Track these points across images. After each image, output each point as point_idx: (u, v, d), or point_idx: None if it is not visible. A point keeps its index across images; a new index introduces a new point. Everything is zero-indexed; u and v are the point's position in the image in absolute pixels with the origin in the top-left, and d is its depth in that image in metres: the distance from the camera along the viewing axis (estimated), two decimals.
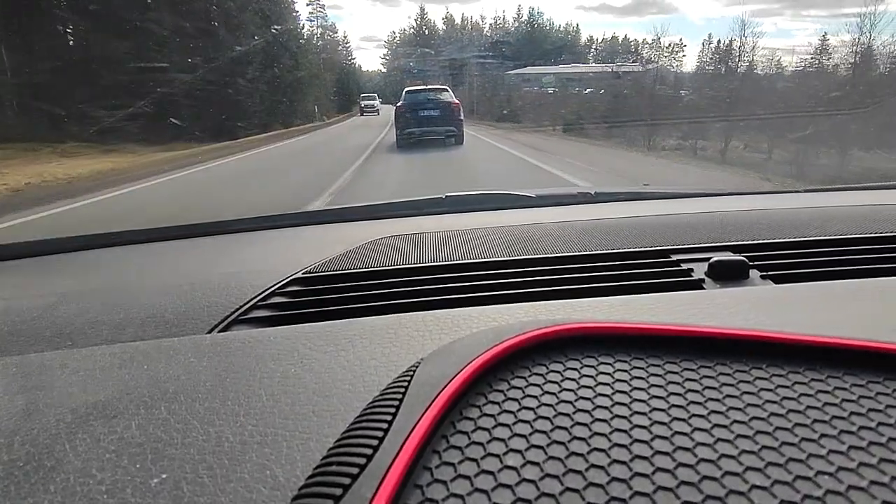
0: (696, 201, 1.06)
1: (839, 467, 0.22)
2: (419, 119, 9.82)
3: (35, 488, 0.27)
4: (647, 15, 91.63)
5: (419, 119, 9.82)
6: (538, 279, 0.57)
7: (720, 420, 0.25)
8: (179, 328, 0.50)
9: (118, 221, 4.16)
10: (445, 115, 9.89)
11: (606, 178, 6.52)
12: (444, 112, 9.90)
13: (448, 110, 9.96)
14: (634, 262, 0.61)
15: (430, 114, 9.87)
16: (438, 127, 9.88)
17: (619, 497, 0.21)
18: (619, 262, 0.61)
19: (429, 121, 9.84)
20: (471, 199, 1.09)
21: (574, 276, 0.58)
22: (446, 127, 9.91)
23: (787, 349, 0.30)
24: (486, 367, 0.29)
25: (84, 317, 0.53)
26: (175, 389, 0.35)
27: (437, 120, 9.85)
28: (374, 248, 0.71)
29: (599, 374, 0.29)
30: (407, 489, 0.22)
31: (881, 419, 0.25)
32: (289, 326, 0.45)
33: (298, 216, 1.01)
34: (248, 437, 0.29)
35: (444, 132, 9.92)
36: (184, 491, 0.25)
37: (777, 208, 0.84)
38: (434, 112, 9.89)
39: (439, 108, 9.93)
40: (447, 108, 10.00)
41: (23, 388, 0.37)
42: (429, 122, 9.85)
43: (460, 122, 10.11)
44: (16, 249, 0.88)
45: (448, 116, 9.90)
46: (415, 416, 0.25)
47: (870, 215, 0.74)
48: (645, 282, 0.55)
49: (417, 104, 9.96)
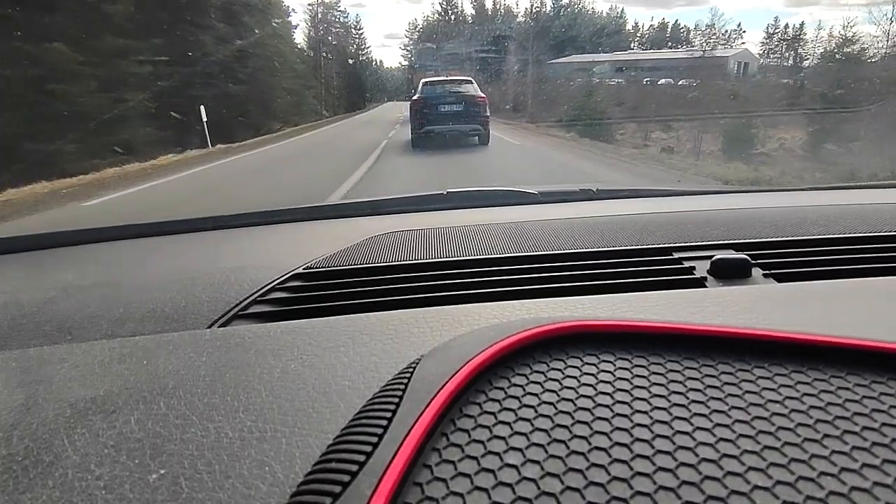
0: (698, 199, 1.05)
1: (842, 468, 0.22)
2: (438, 115, 8.47)
3: (34, 483, 0.26)
4: (675, 7, 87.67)
5: (438, 115, 8.47)
6: (540, 276, 0.57)
7: (722, 419, 0.25)
8: (179, 323, 0.50)
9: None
10: (469, 110, 8.51)
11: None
12: (468, 107, 8.51)
13: (472, 105, 8.55)
14: (636, 260, 0.61)
15: (451, 109, 8.49)
16: (461, 124, 8.52)
17: (619, 496, 0.21)
18: (621, 260, 0.61)
19: (449, 117, 8.49)
20: (473, 196, 1.09)
21: (576, 273, 0.58)
22: (470, 125, 8.55)
23: (790, 348, 0.30)
24: (487, 365, 0.29)
25: (84, 311, 0.53)
26: (174, 384, 0.35)
27: (459, 116, 8.48)
28: (375, 243, 0.71)
29: (601, 373, 0.29)
30: (406, 487, 0.22)
31: (885, 420, 0.24)
32: (289, 322, 0.45)
33: (299, 211, 1.01)
34: (247, 433, 0.29)
35: (468, 130, 8.62)
36: (182, 487, 0.25)
37: (780, 206, 0.84)
38: (456, 107, 8.50)
39: (462, 103, 8.52)
40: (471, 102, 8.56)
41: (22, 383, 0.36)
42: (449, 118, 8.49)
43: (486, 119, 8.74)
44: (16, 243, 0.88)
45: (472, 112, 8.51)
46: (415, 413, 0.25)
47: (874, 214, 0.74)
48: (647, 279, 0.55)
49: (436, 98, 8.58)
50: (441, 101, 8.54)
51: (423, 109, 8.55)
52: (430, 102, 8.54)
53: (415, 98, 8.89)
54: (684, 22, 60.01)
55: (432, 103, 8.52)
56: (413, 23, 63.46)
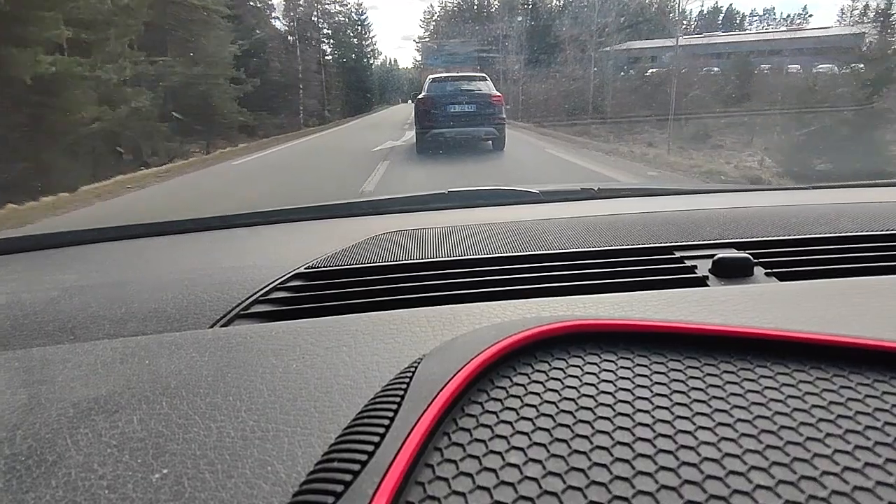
0: (700, 197, 1.05)
1: (844, 467, 0.22)
2: (447, 116, 7.49)
3: (37, 483, 0.27)
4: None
5: (447, 116, 7.49)
6: (541, 275, 0.57)
7: (724, 418, 0.25)
8: (181, 323, 0.50)
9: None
10: (482, 111, 7.56)
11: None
12: (481, 107, 7.56)
13: (486, 105, 7.58)
14: (638, 259, 0.61)
15: (461, 109, 7.52)
16: (473, 127, 7.58)
17: (621, 496, 0.21)
18: (622, 259, 0.61)
19: (460, 119, 7.51)
20: (474, 195, 1.09)
21: (577, 272, 0.58)
22: (483, 127, 7.62)
23: (792, 347, 0.30)
24: (489, 364, 0.29)
25: (86, 311, 0.53)
26: (176, 384, 0.35)
27: (470, 118, 7.52)
28: (376, 243, 0.71)
29: (602, 372, 0.29)
30: (408, 486, 0.22)
31: (887, 419, 0.24)
32: (291, 321, 0.45)
33: (300, 211, 1.01)
34: (250, 432, 0.29)
35: (481, 134, 7.70)
36: (185, 487, 0.25)
37: (782, 205, 0.83)
38: (467, 107, 7.53)
39: (474, 103, 7.55)
40: (485, 102, 7.58)
41: (25, 383, 0.37)
42: (460, 119, 7.51)
43: (502, 121, 7.76)
44: (19, 243, 0.88)
45: (485, 114, 7.56)
46: (417, 412, 0.25)
47: (877, 212, 0.74)
48: (648, 279, 0.55)
49: (445, 97, 7.62)
50: (450, 101, 7.59)
51: (429, 110, 7.60)
52: (438, 102, 7.61)
53: (420, 97, 7.94)
54: (739, 7, 51.09)
55: (440, 103, 7.59)
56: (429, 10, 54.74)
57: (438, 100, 7.65)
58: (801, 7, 52.51)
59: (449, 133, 7.56)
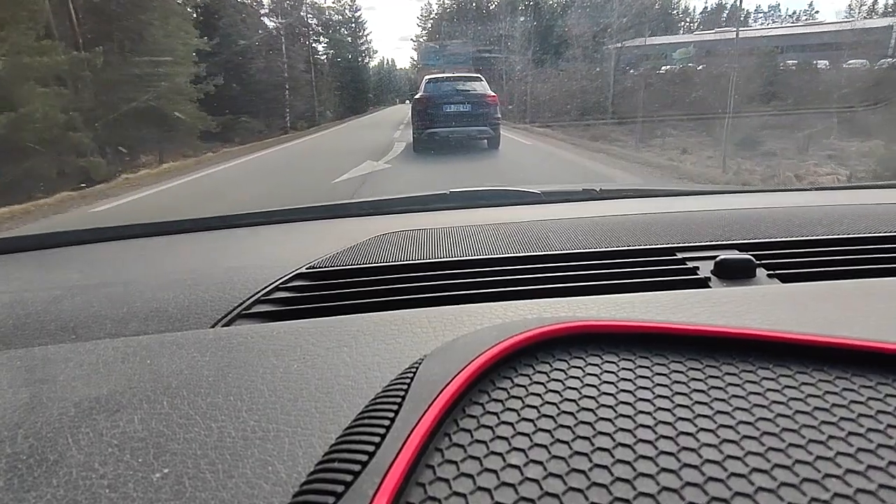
0: (702, 199, 1.05)
1: (847, 470, 0.22)
2: (443, 116, 7.67)
3: (38, 482, 0.27)
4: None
5: (443, 116, 7.67)
6: (543, 276, 0.57)
7: (726, 420, 0.25)
8: (182, 322, 0.50)
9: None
10: (478, 111, 7.74)
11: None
12: (477, 107, 7.75)
13: (481, 105, 7.78)
14: (640, 260, 0.61)
15: (457, 109, 7.70)
16: (468, 126, 7.76)
17: (622, 497, 0.21)
18: (624, 260, 0.61)
19: (455, 118, 7.69)
20: (476, 195, 1.09)
21: (578, 273, 0.57)
22: (478, 127, 7.79)
23: (794, 349, 0.30)
24: (490, 365, 0.29)
25: (88, 311, 0.53)
26: (177, 384, 0.35)
27: (466, 117, 7.71)
28: (378, 243, 0.71)
29: (604, 373, 0.29)
30: (409, 487, 0.22)
31: (890, 421, 0.24)
32: (292, 322, 0.45)
33: (302, 211, 1.01)
34: (251, 432, 0.29)
35: (476, 133, 7.87)
36: (185, 486, 0.25)
37: (784, 206, 0.83)
38: (463, 107, 7.72)
39: (470, 103, 7.74)
40: (480, 102, 7.79)
41: (27, 382, 0.37)
42: (455, 119, 7.69)
43: (497, 121, 7.98)
44: (21, 242, 0.88)
45: (481, 113, 7.75)
46: (417, 413, 0.25)
47: (879, 214, 0.73)
48: (650, 280, 0.55)
49: (441, 97, 7.80)
50: (446, 101, 7.78)
51: (426, 109, 7.78)
52: (435, 102, 7.78)
53: (417, 97, 8.16)
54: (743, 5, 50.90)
55: (437, 103, 7.77)
56: (426, 8, 51.95)
57: (435, 99, 7.79)
58: (808, 3, 50.40)
59: (444, 132, 7.70)
